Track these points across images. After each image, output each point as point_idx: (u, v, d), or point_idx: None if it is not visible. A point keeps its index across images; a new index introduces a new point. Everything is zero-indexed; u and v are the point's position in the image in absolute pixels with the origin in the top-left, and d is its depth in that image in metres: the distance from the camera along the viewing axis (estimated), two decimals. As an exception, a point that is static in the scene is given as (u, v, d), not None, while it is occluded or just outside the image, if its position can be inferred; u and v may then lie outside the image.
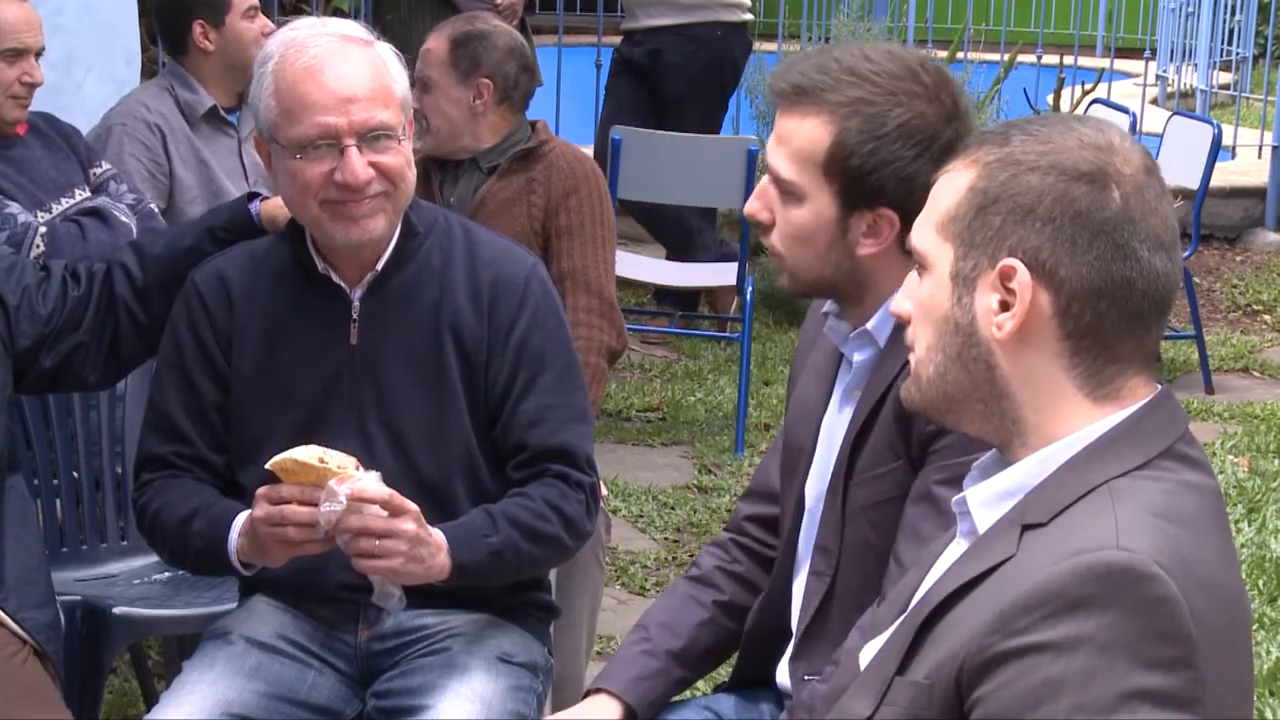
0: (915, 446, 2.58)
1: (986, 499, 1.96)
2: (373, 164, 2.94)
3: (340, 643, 3.11)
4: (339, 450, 2.84)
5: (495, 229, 3.32)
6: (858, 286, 2.64)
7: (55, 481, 3.99)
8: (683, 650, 2.88)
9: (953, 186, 1.97)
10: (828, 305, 2.72)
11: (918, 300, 2.01)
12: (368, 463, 2.89)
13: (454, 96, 4.47)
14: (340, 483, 2.77)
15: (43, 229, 4.23)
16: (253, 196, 3.34)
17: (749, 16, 7.95)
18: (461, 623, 3.10)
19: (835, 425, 2.72)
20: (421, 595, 3.01)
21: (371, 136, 2.94)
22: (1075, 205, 1.89)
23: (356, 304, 3.06)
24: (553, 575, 3.38)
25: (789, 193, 2.60)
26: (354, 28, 3.04)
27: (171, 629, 3.90)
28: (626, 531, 5.70)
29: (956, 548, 2.02)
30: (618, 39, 8.12)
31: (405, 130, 3.00)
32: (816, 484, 2.73)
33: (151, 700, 4.06)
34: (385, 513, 2.80)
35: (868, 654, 2.05)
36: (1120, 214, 1.89)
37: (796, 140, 2.58)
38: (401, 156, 2.98)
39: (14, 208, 4.24)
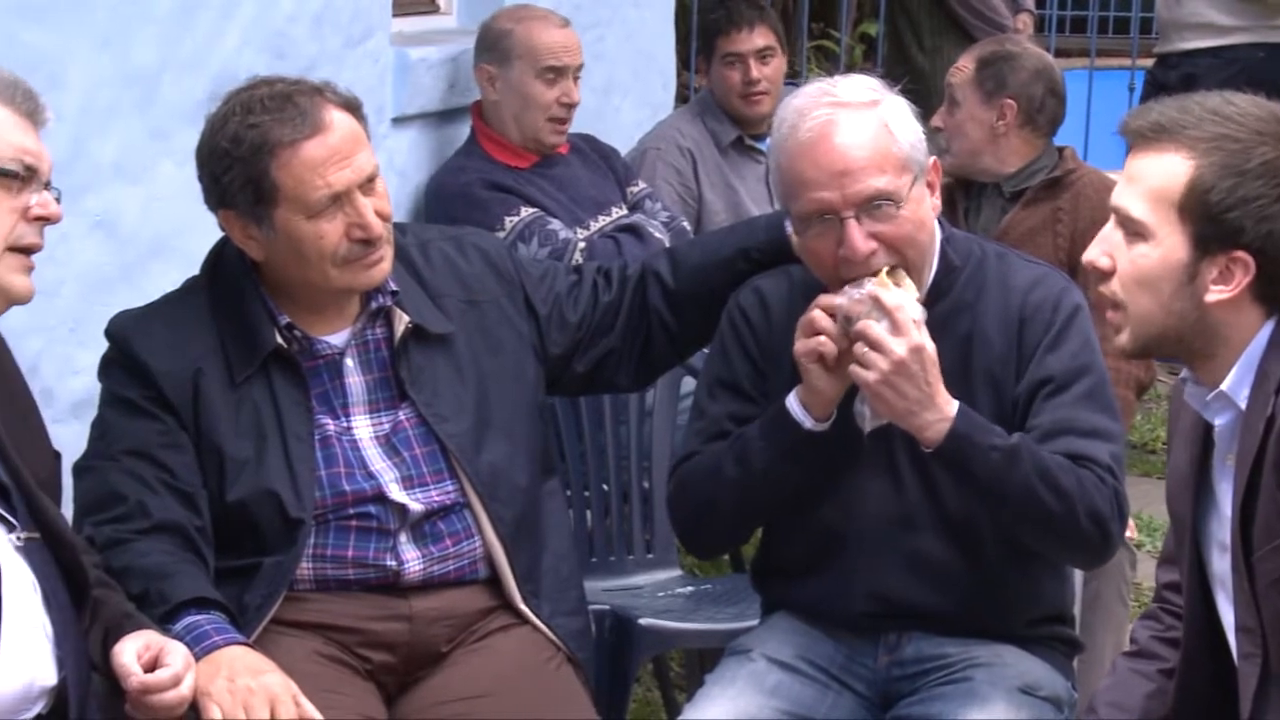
0: None
1: None
2: (874, 234, 2.91)
3: (860, 666, 3.10)
4: None
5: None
6: (1205, 340, 2.52)
7: (585, 493, 4.11)
8: None
9: None
10: (1184, 371, 2.60)
11: None
12: (891, 492, 2.91)
13: (977, 116, 4.46)
14: (880, 285, 2.81)
15: (582, 244, 4.39)
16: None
17: (1289, 36, 7.59)
18: (983, 653, 3.05)
19: (1221, 496, 2.60)
20: (942, 623, 3.02)
21: (870, 206, 2.91)
22: None
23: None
24: (1076, 610, 3.30)
25: (1137, 233, 2.51)
26: (860, 88, 2.97)
27: (694, 642, 3.97)
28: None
29: None
30: (1150, 61, 7.88)
31: (914, 188, 2.93)
32: (1221, 559, 2.61)
33: (674, 711, 4.14)
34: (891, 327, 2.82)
35: None
36: None
37: (1151, 178, 2.50)
38: (907, 222, 2.93)
39: (555, 224, 4.41)
